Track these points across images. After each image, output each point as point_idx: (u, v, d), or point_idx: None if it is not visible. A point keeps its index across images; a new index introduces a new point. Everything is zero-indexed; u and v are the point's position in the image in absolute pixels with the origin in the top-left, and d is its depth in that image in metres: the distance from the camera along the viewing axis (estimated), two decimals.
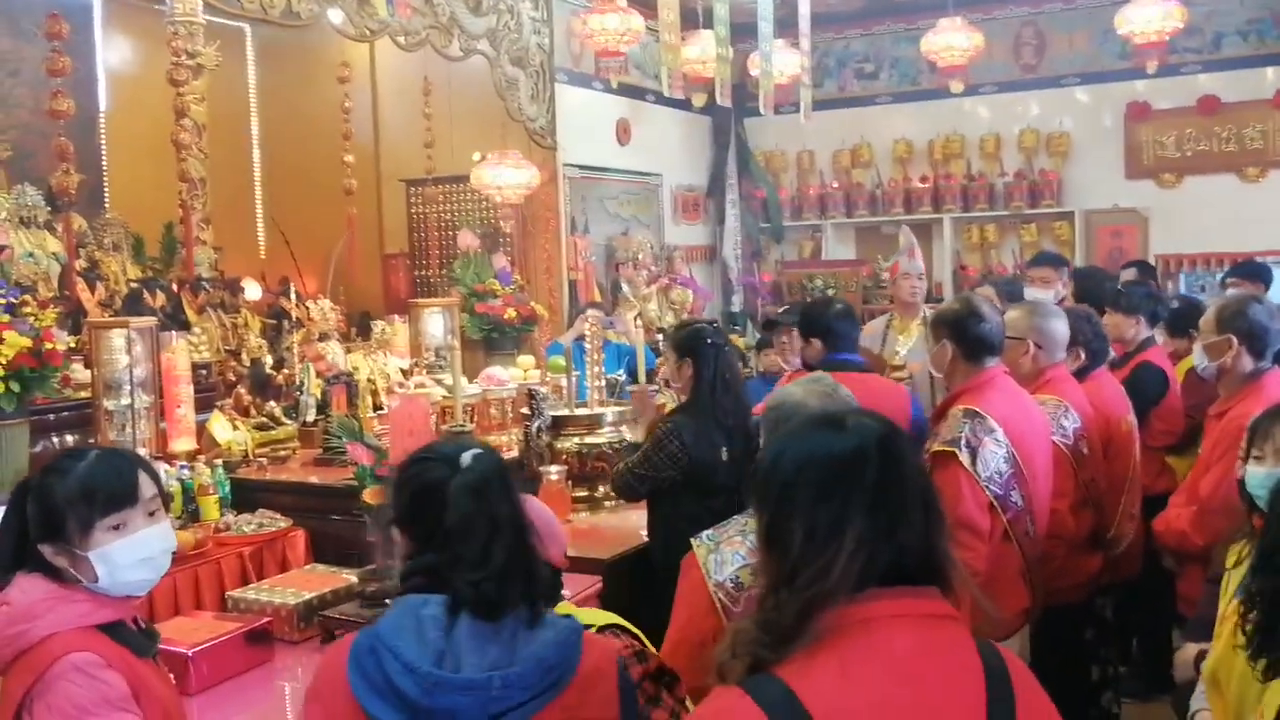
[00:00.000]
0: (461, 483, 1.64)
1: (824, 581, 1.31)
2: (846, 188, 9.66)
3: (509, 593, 1.60)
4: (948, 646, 1.34)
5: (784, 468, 1.41)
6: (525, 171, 6.93)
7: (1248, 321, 3.43)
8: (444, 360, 5.26)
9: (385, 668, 1.55)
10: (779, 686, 1.28)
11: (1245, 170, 8.33)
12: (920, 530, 1.35)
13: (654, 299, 7.88)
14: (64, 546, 1.89)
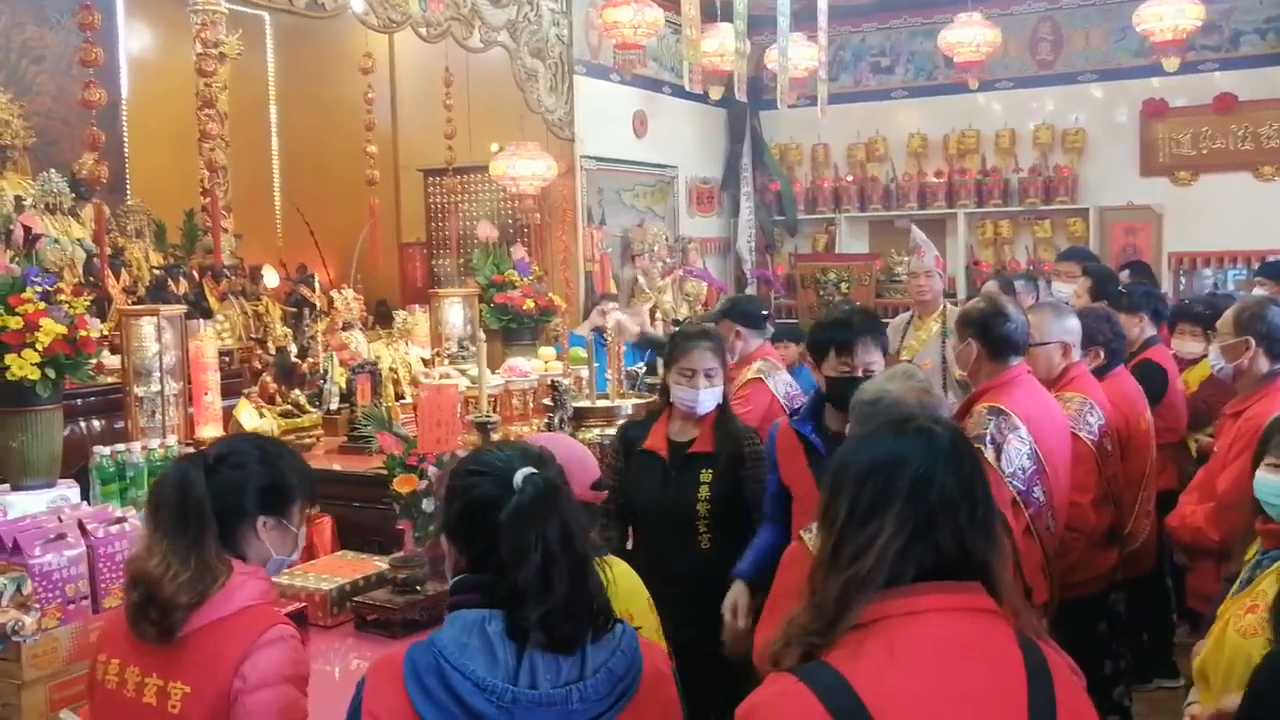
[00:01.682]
0: (514, 510, 1.60)
1: (862, 562, 1.38)
2: (860, 181, 9.69)
3: (579, 628, 1.57)
4: (991, 639, 1.40)
5: (848, 457, 1.51)
6: (543, 163, 6.97)
7: (1265, 324, 3.47)
8: (467, 350, 5.31)
9: (455, 687, 1.51)
10: (831, 673, 1.33)
11: (1261, 169, 8.33)
12: (962, 533, 1.41)
13: (669, 290, 7.92)
14: (281, 521, 2.08)
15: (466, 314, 5.66)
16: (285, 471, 2.09)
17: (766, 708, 1.37)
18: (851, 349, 3.07)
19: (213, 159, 5.41)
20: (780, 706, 1.35)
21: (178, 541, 1.92)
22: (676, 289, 8.02)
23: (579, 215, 7.88)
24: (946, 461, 1.44)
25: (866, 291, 9.05)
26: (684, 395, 3.42)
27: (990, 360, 3.28)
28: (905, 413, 1.67)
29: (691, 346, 3.43)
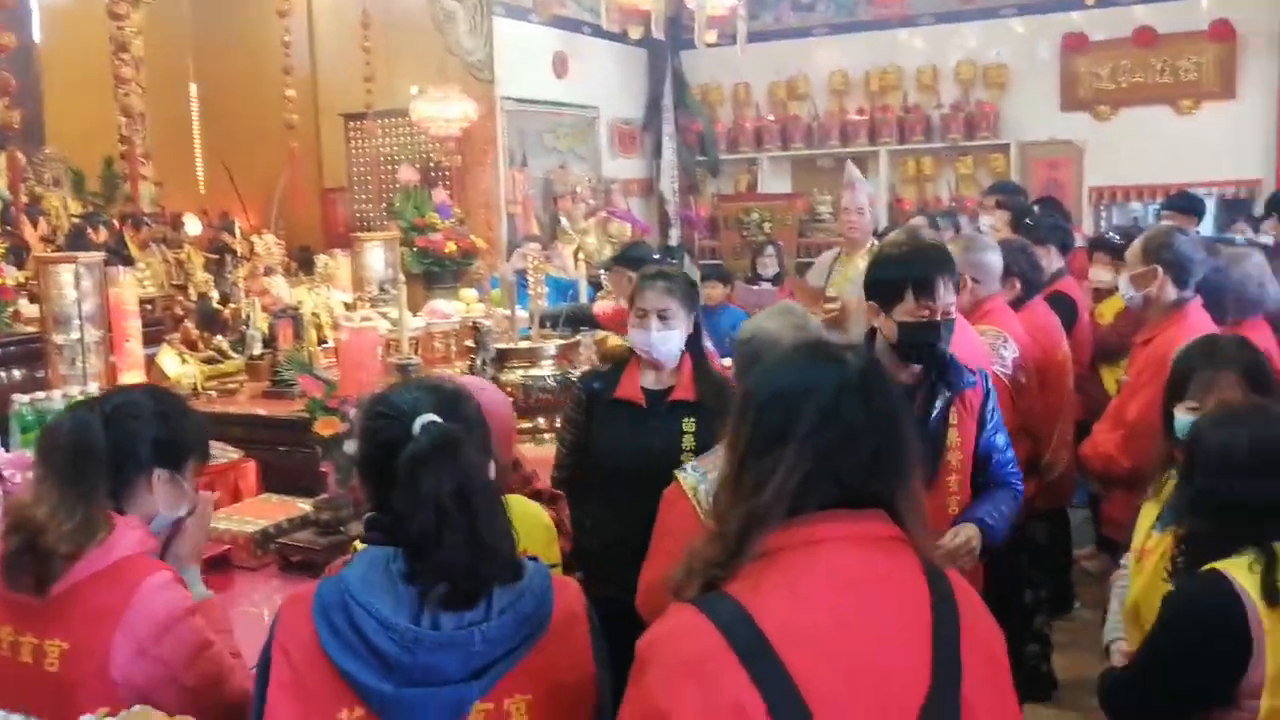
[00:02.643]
0: (408, 458, 1.54)
1: (763, 493, 1.36)
2: (783, 121, 9.72)
3: (475, 583, 1.53)
4: (894, 567, 1.39)
5: (754, 385, 1.48)
6: (463, 105, 6.95)
7: (1173, 252, 3.55)
8: (387, 294, 5.34)
9: (360, 625, 1.50)
10: (731, 603, 1.31)
11: (1179, 102, 8.43)
12: (867, 464, 1.39)
13: (592, 232, 7.97)
14: (175, 475, 2.05)
15: (388, 258, 5.68)
16: (183, 426, 2.08)
17: (666, 639, 1.34)
18: (933, 287, 2.63)
19: (128, 105, 5.34)
20: (680, 638, 1.32)
21: (69, 491, 1.89)
22: (600, 231, 8.06)
23: (500, 157, 7.86)
24: (855, 392, 1.41)
25: (790, 231, 9.14)
26: (636, 338, 3.16)
27: None
28: (802, 344, 1.58)
29: (644, 285, 3.18)
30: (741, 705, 1.24)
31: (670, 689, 1.27)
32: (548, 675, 1.57)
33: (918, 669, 1.32)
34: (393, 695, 1.49)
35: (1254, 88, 8.20)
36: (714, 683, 1.25)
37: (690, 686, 1.26)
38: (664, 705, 1.26)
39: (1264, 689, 1.81)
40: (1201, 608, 1.90)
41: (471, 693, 1.52)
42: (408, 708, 1.50)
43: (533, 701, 1.56)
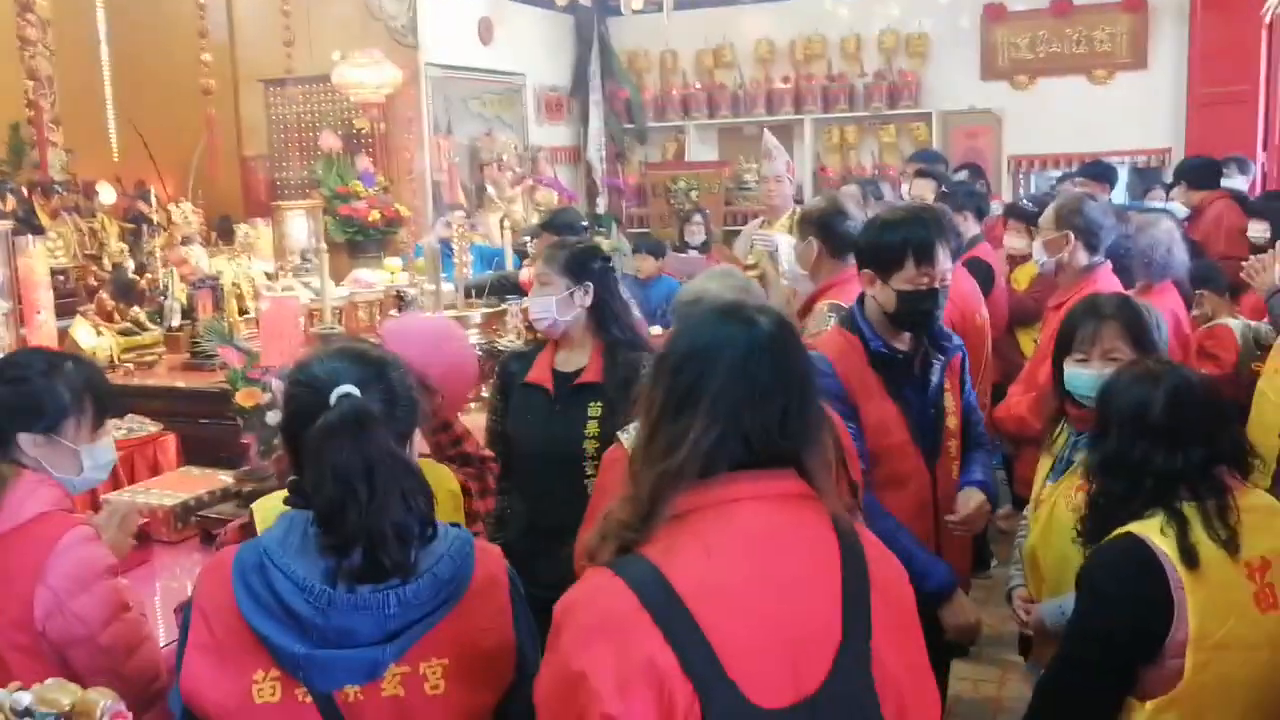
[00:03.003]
0: (318, 430, 1.53)
1: (675, 455, 1.37)
2: (709, 88, 9.75)
3: (382, 557, 1.51)
4: (804, 525, 1.40)
5: (668, 346, 1.49)
6: (386, 71, 6.84)
7: (1084, 218, 3.62)
8: (310, 263, 5.27)
9: (275, 586, 1.50)
10: (645, 564, 1.33)
11: (1094, 72, 8.62)
12: (777, 423, 1.40)
13: (519, 200, 7.93)
14: (51, 438, 2.05)
15: (310, 227, 5.58)
16: (55, 387, 2.07)
17: (581, 602, 1.35)
18: (933, 254, 2.58)
19: (35, 68, 5.18)
20: (594, 600, 1.33)
21: None
22: (527, 198, 8.02)
23: (425, 124, 7.77)
24: (765, 352, 1.42)
25: (716, 199, 9.20)
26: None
27: (830, 258, 3.38)
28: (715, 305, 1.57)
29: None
30: (655, 663, 1.25)
31: (585, 650, 1.28)
32: (465, 639, 1.58)
33: (829, 622, 1.35)
34: (305, 657, 1.50)
35: (1164, 58, 8.40)
36: (628, 642, 1.27)
37: (605, 646, 1.27)
38: (579, 666, 1.27)
39: (1187, 646, 1.85)
40: (1124, 574, 1.93)
41: (385, 655, 1.52)
42: (320, 669, 1.51)
43: (449, 665, 1.56)
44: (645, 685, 1.25)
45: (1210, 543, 1.88)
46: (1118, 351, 2.49)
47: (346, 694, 1.53)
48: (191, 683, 1.54)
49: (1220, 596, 1.86)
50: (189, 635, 1.56)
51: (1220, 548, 1.88)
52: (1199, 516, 1.92)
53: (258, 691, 1.52)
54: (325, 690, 1.52)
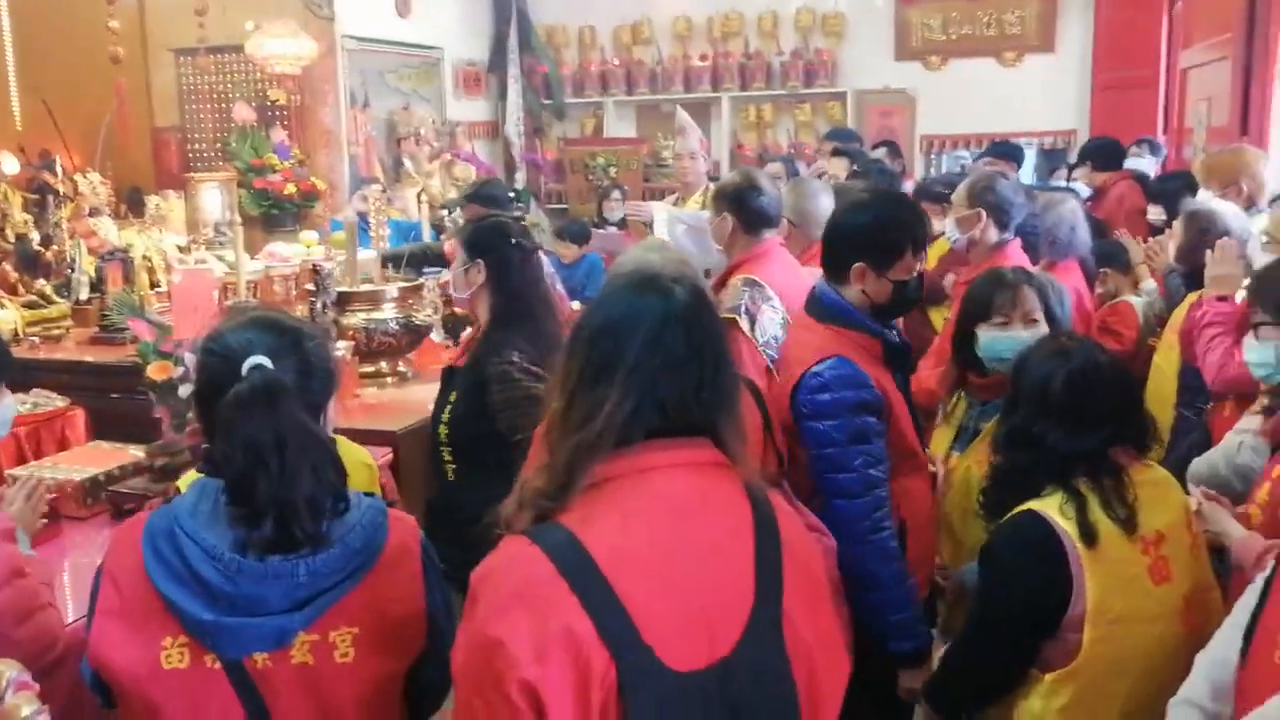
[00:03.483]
0: (229, 401, 1.53)
1: (591, 425, 1.38)
2: (627, 65, 9.74)
3: (293, 530, 1.52)
4: (718, 492, 1.43)
5: (584, 318, 1.50)
6: (301, 42, 6.74)
7: (995, 196, 3.70)
8: (224, 236, 5.19)
9: (185, 553, 1.50)
10: (562, 532, 1.33)
11: (1004, 55, 8.79)
12: (692, 393, 1.43)
13: (436, 175, 7.87)
14: None
15: (224, 199, 5.51)
16: None
17: (497, 570, 1.35)
18: (924, 243, 2.55)
19: None
20: (510, 567, 1.33)
21: None
22: (444, 173, 7.96)
23: (341, 97, 7.66)
24: (680, 322, 1.43)
25: (635, 176, 9.22)
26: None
27: (745, 233, 3.41)
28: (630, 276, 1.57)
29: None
30: (572, 629, 1.27)
31: (502, 617, 1.29)
32: (376, 608, 1.59)
33: (742, 586, 1.37)
34: (213, 624, 1.50)
35: (1071, 42, 8.61)
36: (545, 609, 1.28)
37: (521, 613, 1.28)
38: (496, 633, 1.28)
39: (1085, 621, 1.91)
40: (1025, 551, 1.97)
41: (294, 623, 1.53)
42: (228, 636, 1.52)
43: (359, 634, 1.58)
44: (562, 651, 1.26)
45: (1108, 521, 1.93)
46: (1036, 314, 2.58)
47: (255, 661, 1.54)
48: (99, 648, 1.54)
49: (1117, 572, 1.92)
50: (97, 601, 1.56)
51: (1118, 526, 1.93)
52: (1097, 496, 1.96)
53: (166, 658, 1.52)
54: (234, 657, 1.53)
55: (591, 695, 1.26)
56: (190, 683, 1.53)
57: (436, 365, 4.60)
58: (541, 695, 1.25)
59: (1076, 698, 1.94)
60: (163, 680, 1.52)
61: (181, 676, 1.52)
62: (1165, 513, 2.02)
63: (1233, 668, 1.65)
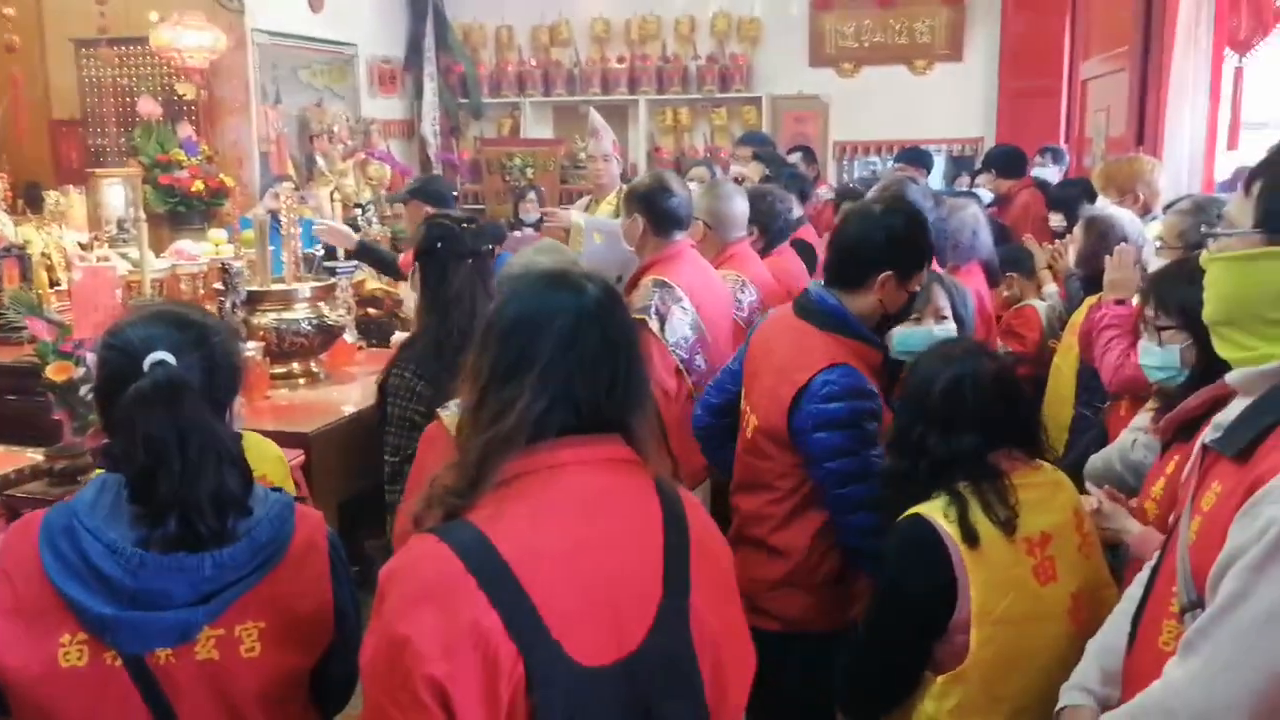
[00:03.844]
0: (129, 397, 1.49)
1: (503, 423, 1.38)
2: (545, 66, 9.74)
3: (195, 527, 1.50)
4: (628, 488, 1.44)
5: (499, 312, 1.48)
6: (209, 35, 6.60)
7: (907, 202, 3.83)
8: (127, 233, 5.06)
9: (84, 549, 1.47)
10: (471, 530, 1.33)
11: (915, 63, 8.99)
12: (603, 391, 1.43)
13: (350, 174, 7.77)
14: None
15: (128, 195, 5.37)
16: None
17: (405, 568, 1.34)
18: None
19: None
20: (418, 565, 1.33)
21: None
22: (359, 172, 7.87)
23: (252, 93, 7.53)
24: (594, 319, 1.43)
25: (552, 177, 9.20)
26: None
27: (655, 234, 3.43)
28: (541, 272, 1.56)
29: None
30: (479, 625, 1.27)
31: (409, 614, 1.29)
32: (282, 603, 1.58)
33: (650, 580, 1.39)
34: (114, 618, 1.47)
35: (978, 51, 8.84)
36: (452, 605, 1.28)
37: (429, 610, 1.28)
38: (403, 630, 1.27)
39: (971, 623, 1.93)
40: (910, 555, 1.99)
41: (198, 617, 1.51)
42: (129, 631, 1.48)
43: (266, 629, 1.56)
44: (470, 647, 1.26)
45: (989, 523, 1.95)
46: (946, 311, 2.63)
47: (158, 657, 1.51)
48: None
49: (1000, 574, 1.94)
50: None
51: (998, 528, 1.95)
52: (977, 499, 1.98)
53: (64, 655, 1.48)
54: (135, 653, 1.50)
55: (500, 690, 1.27)
56: (89, 682, 1.49)
57: (349, 366, 4.58)
58: (449, 692, 1.25)
59: (967, 698, 1.97)
60: (59, 679, 1.48)
61: (80, 675, 1.49)
62: (1051, 514, 2.05)
63: (1121, 654, 1.70)
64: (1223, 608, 1.37)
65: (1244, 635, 1.34)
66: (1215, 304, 1.53)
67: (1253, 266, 1.46)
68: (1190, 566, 1.49)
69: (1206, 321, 1.56)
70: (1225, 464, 1.49)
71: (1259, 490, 1.37)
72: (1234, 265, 1.49)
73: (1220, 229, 1.54)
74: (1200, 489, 1.53)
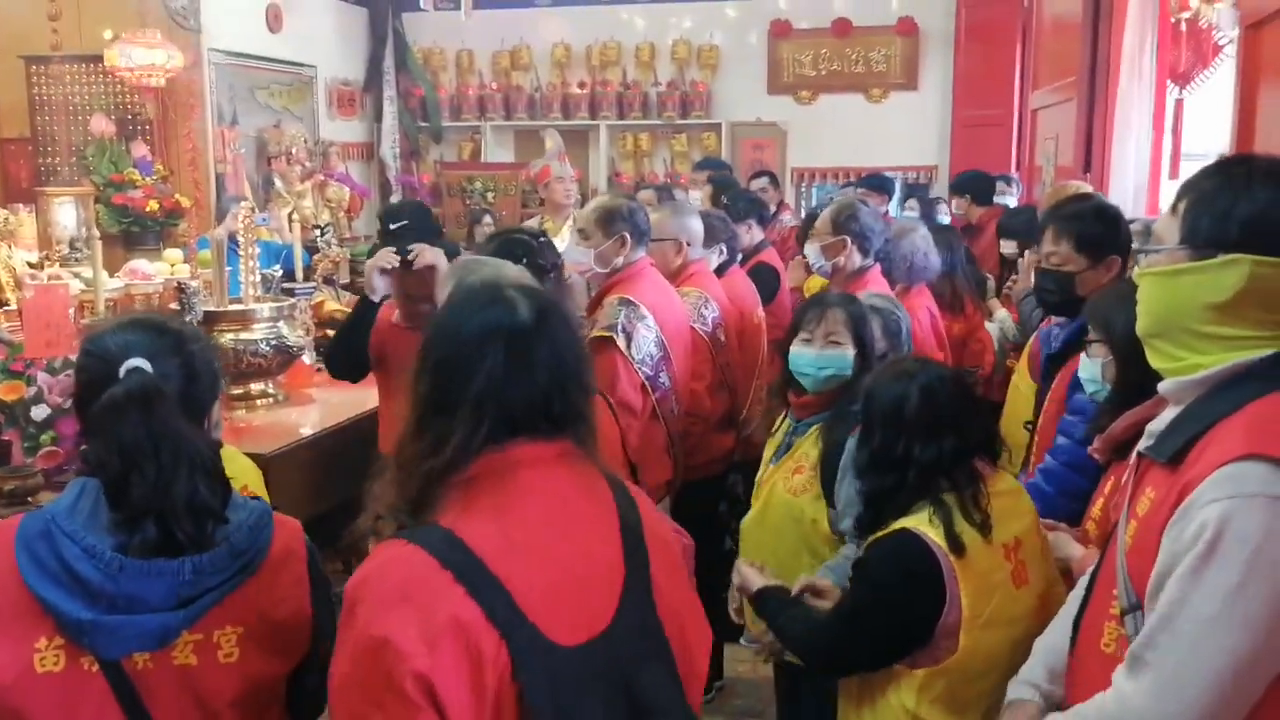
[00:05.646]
0: (103, 403, 1.51)
1: (440, 455, 1.39)
2: (506, 90, 9.76)
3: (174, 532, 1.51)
4: (583, 475, 1.48)
5: (431, 336, 1.48)
6: (164, 53, 6.54)
7: (859, 224, 3.82)
8: (79, 253, 4.99)
9: (62, 553, 1.47)
10: (439, 531, 1.35)
11: (871, 91, 9.15)
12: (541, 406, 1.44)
13: (309, 195, 7.73)
14: None
15: (80, 215, 5.30)
16: None
17: (376, 573, 1.34)
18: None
19: None
20: (391, 568, 1.33)
21: None
22: (317, 194, 7.83)
23: (208, 112, 7.46)
24: (525, 337, 1.43)
25: (512, 201, 9.21)
26: None
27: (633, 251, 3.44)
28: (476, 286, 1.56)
29: None
30: (459, 617, 1.28)
31: (386, 616, 1.29)
32: (260, 608, 1.58)
33: (612, 560, 1.44)
34: (92, 622, 1.46)
35: (932, 81, 9.00)
36: (430, 601, 1.29)
37: (407, 610, 1.29)
38: (381, 632, 1.28)
39: (960, 628, 1.99)
40: (900, 567, 2.04)
41: (176, 621, 1.51)
42: (107, 635, 1.48)
43: (243, 634, 1.57)
44: (452, 639, 1.28)
45: (970, 529, 2.02)
46: (838, 336, 2.69)
47: (135, 662, 1.51)
48: None
49: (985, 580, 2.01)
50: None
51: (976, 531, 2.02)
52: (958, 505, 2.04)
53: (40, 661, 1.48)
54: (112, 657, 1.49)
55: (485, 679, 1.28)
56: (65, 687, 1.48)
57: (308, 388, 4.53)
58: (435, 685, 1.26)
59: (949, 692, 2.04)
60: (35, 685, 1.48)
61: (55, 680, 1.48)
62: (1019, 519, 2.13)
63: (1064, 654, 1.75)
64: (1164, 617, 1.42)
65: (1188, 643, 1.39)
66: (1146, 318, 1.59)
67: (1178, 281, 1.52)
68: (1128, 570, 1.54)
69: (1140, 335, 1.61)
70: (1158, 470, 1.54)
71: (1189, 495, 1.42)
72: (1161, 280, 1.55)
73: (1150, 246, 1.60)
74: (1135, 495, 1.58)
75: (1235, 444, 1.41)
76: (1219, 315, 1.49)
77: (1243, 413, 1.45)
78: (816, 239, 3.97)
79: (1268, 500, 1.36)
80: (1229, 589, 1.36)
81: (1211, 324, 1.49)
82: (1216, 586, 1.36)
